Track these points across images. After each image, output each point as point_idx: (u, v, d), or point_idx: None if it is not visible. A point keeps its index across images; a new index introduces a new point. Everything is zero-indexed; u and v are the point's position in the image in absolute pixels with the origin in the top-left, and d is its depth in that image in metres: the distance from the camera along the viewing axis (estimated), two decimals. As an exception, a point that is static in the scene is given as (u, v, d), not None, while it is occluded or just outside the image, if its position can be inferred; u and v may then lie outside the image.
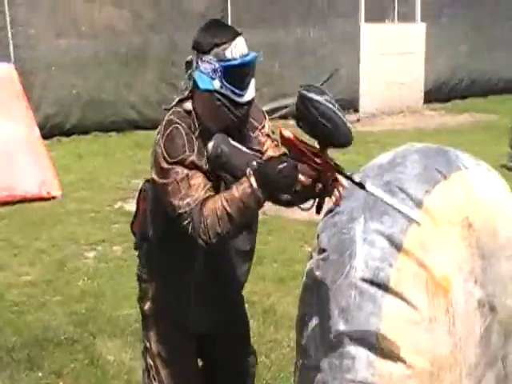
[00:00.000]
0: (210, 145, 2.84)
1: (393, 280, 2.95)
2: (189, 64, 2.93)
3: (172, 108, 2.98)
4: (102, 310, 5.79)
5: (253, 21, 14.92)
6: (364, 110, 15.27)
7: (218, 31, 2.89)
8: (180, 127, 2.88)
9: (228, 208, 2.70)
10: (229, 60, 2.83)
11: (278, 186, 2.67)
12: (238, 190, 2.71)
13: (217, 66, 2.83)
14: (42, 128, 9.97)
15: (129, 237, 7.42)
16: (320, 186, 2.70)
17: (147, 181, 3.19)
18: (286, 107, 15.11)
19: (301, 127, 2.66)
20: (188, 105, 2.94)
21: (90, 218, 8.33)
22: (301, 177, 2.64)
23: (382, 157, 3.35)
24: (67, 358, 4.97)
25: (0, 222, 8.24)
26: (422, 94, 16.17)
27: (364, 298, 2.97)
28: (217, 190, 2.89)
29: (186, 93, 2.96)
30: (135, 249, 3.33)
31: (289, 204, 2.98)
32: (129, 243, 7.34)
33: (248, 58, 2.87)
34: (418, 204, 3.04)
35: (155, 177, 2.91)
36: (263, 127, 3.10)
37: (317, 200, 2.76)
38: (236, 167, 2.82)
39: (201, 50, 2.87)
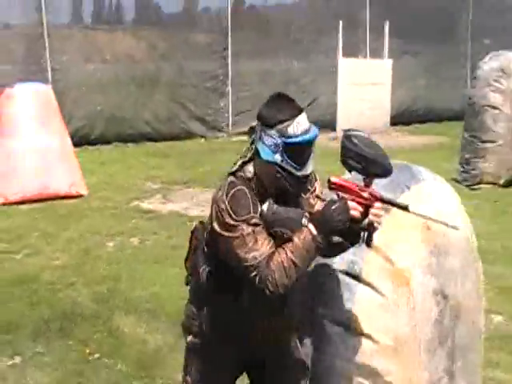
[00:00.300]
0: (265, 206, 2.57)
1: (364, 272, 2.98)
2: (252, 130, 2.66)
3: (235, 172, 2.66)
4: (120, 290, 5.79)
5: (248, 53, 15.01)
6: (341, 129, 15.27)
7: (282, 107, 2.59)
8: (245, 189, 2.57)
9: (294, 258, 2.47)
10: (290, 137, 2.53)
11: (334, 226, 2.47)
12: (299, 240, 2.49)
13: (279, 141, 2.54)
14: (72, 138, 9.92)
15: (142, 230, 7.54)
16: (367, 220, 2.53)
17: (200, 222, 2.91)
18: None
19: (347, 164, 2.54)
20: (250, 168, 2.65)
21: (110, 214, 8.33)
22: (352, 212, 2.48)
23: (357, 170, 3.38)
24: (91, 330, 4.99)
25: (37, 214, 8.25)
26: (389, 118, 16.19)
27: (341, 286, 3.01)
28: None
29: (249, 156, 2.66)
30: (186, 284, 2.99)
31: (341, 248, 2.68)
32: (143, 236, 7.42)
33: (308, 136, 2.56)
34: (387, 210, 3.08)
35: (218, 229, 2.58)
36: (314, 190, 2.78)
37: (366, 233, 2.56)
38: (291, 220, 2.57)
39: (265, 123, 2.58)
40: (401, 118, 16.51)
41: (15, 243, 7.09)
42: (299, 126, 2.55)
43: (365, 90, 15.11)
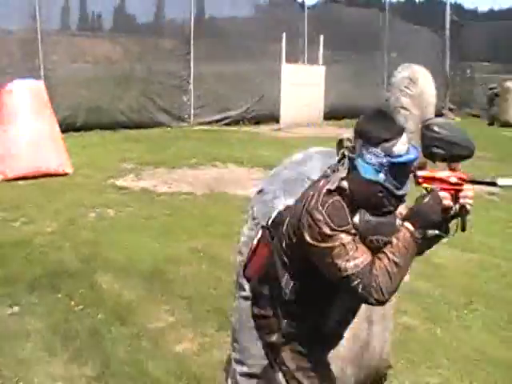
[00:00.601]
0: (357, 218, 2.13)
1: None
2: (341, 142, 2.22)
3: (333, 182, 2.18)
4: (100, 253, 5.73)
5: (208, 56, 14.99)
6: (283, 122, 15.34)
7: (386, 125, 2.13)
8: (341, 200, 2.14)
9: (396, 259, 2.07)
10: (396, 157, 2.11)
11: (430, 219, 2.11)
12: (398, 240, 2.10)
13: (384, 160, 2.10)
14: (60, 125, 9.75)
15: (118, 203, 7.48)
16: (457, 206, 2.16)
17: (264, 228, 2.49)
18: (229, 117, 15.31)
19: (432, 154, 2.19)
20: (345, 183, 2.16)
21: (91, 189, 8.22)
22: (444, 201, 2.12)
23: (296, 155, 3.37)
24: (76, 286, 4.93)
25: (31, 189, 8.12)
26: (322, 114, 16.31)
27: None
28: None
29: (345, 172, 2.17)
30: (248, 280, 2.57)
31: (436, 239, 2.20)
32: (118, 208, 7.34)
33: (412, 156, 2.14)
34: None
35: (310, 240, 2.13)
36: None
37: (459, 219, 2.18)
38: (384, 225, 2.15)
39: (368, 140, 2.12)
40: (332, 114, 16.65)
41: (13, 213, 6.97)
42: (403, 145, 2.14)
43: (303, 90, 15.18)
